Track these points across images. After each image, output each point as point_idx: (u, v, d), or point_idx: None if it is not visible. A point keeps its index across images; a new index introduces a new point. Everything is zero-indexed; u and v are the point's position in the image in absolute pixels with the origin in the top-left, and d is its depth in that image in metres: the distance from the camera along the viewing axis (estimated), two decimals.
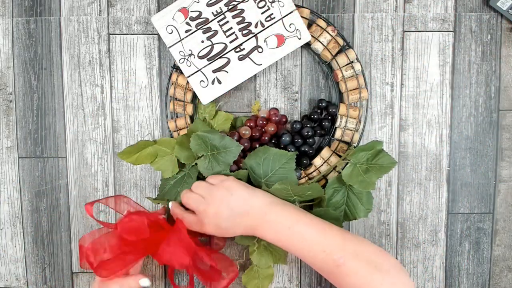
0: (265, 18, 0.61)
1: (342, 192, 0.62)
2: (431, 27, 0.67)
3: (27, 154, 0.69)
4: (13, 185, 0.69)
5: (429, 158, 0.68)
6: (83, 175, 0.69)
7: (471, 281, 0.69)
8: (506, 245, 0.69)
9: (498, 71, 0.67)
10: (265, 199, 0.55)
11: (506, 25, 0.67)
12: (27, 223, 0.69)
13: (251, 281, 0.65)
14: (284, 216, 0.54)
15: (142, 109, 0.68)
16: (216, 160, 0.60)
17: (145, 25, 0.67)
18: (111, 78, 0.68)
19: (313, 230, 0.52)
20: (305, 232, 0.52)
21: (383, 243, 0.69)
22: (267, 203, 0.55)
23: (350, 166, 0.61)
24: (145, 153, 0.65)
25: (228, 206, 0.54)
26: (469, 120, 0.68)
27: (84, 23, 0.67)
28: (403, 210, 0.69)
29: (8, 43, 0.68)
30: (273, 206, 0.54)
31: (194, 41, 0.62)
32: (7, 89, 0.68)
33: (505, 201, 0.69)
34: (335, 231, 0.53)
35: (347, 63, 0.63)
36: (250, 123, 0.65)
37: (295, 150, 0.64)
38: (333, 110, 0.65)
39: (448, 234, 0.69)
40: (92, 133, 0.68)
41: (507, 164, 0.68)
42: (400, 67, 0.67)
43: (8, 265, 0.70)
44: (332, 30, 0.63)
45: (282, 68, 0.67)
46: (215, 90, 0.63)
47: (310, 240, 0.52)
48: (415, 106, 0.67)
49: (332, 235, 0.52)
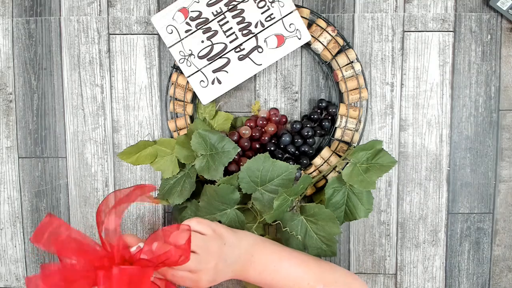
0: (265, 18, 0.61)
1: (342, 192, 0.62)
2: (431, 27, 0.67)
3: (27, 154, 0.69)
4: (13, 185, 0.69)
5: (429, 158, 0.68)
6: (83, 175, 0.69)
7: (471, 281, 0.69)
8: (506, 245, 0.69)
9: (498, 71, 0.67)
10: (249, 240, 0.55)
11: (506, 25, 0.67)
12: (27, 223, 0.69)
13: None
14: (268, 256, 0.54)
15: (142, 109, 0.68)
16: (213, 160, 0.60)
17: (145, 25, 0.67)
18: (111, 78, 0.68)
19: (295, 265, 0.54)
20: (289, 269, 0.54)
21: (383, 243, 0.69)
22: (252, 244, 0.54)
23: (350, 165, 0.60)
24: (145, 153, 0.65)
25: (224, 257, 0.52)
26: (469, 120, 0.68)
27: (84, 23, 0.67)
28: (403, 210, 0.69)
29: (8, 43, 0.68)
30: (257, 246, 0.55)
31: (194, 41, 0.62)
32: (7, 89, 0.68)
33: (505, 201, 0.69)
34: (312, 262, 0.56)
35: (347, 63, 0.63)
36: (250, 123, 0.65)
37: (295, 150, 0.64)
38: (333, 110, 0.65)
39: (448, 234, 0.69)
40: (92, 133, 0.68)
41: (507, 164, 0.68)
42: (400, 67, 0.67)
43: (8, 265, 0.70)
44: (332, 30, 0.63)
45: (282, 68, 0.67)
46: (215, 90, 0.63)
47: (295, 276, 0.54)
48: (415, 106, 0.67)
49: (311, 266, 0.55)
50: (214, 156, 0.60)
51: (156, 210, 0.69)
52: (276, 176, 0.59)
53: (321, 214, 0.59)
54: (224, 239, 0.52)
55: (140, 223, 0.69)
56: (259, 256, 0.54)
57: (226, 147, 0.60)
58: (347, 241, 0.69)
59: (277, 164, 0.59)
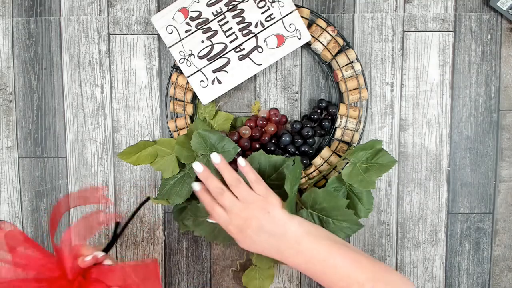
0: (265, 18, 0.61)
1: (342, 192, 0.62)
2: (431, 27, 0.67)
3: (27, 154, 0.69)
4: (13, 185, 0.69)
5: (429, 158, 0.68)
6: (83, 175, 0.69)
7: (471, 281, 0.69)
8: (506, 245, 0.69)
9: (498, 71, 0.67)
10: (302, 228, 0.53)
11: (506, 25, 0.67)
12: (27, 223, 0.69)
13: (251, 281, 0.65)
14: (319, 248, 0.52)
15: (142, 109, 0.68)
16: None
17: (145, 25, 0.67)
18: (111, 78, 0.68)
19: (347, 262, 0.52)
20: (339, 265, 0.51)
21: (383, 243, 0.69)
22: (303, 233, 0.53)
23: (350, 165, 0.60)
24: (145, 153, 0.65)
25: (260, 221, 0.53)
26: (469, 120, 0.68)
27: (84, 23, 0.67)
28: (403, 210, 0.69)
29: (8, 43, 0.68)
30: (309, 237, 0.53)
31: (194, 41, 0.62)
32: (7, 89, 0.68)
33: (505, 201, 0.69)
34: (365, 261, 0.52)
35: (347, 63, 0.63)
36: (250, 123, 0.65)
37: (295, 150, 0.64)
38: (333, 110, 0.65)
39: (448, 234, 0.69)
40: (92, 133, 0.68)
41: (507, 164, 0.68)
42: (400, 67, 0.67)
43: None
44: (332, 30, 0.63)
45: (282, 68, 0.67)
46: (215, 90, 0.63)
47: (344, 273, 0.51)
48: (415, 106, 0.67)
49: (364, 265, 0.52)
50: None
51: (156, 210, 0.69)
52: (274, 170, 0.59)
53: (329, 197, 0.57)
54: (271, 207, 0.53)
55: (140, 223, 0.69)
56: (309, 246, 0.52)
57: (226, 147, 0.60)
58: (347, 241, 0.69)
59: (272, 159, 0.59)
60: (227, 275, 0.70)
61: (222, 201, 0.54)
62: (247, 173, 0.55)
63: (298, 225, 0.53)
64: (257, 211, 0.53)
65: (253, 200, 0.53)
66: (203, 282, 0.70)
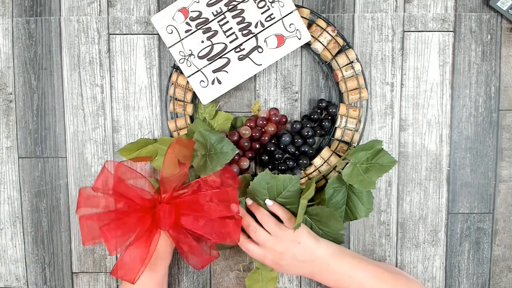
0: (265, 18, 0.61)
1: (342, 192, 0.62)
2: (431, 27, 0.67)
3: (27, 154, 0.69)
4: (13, 185, 0.69)
5: (429, 158, 0.68)
6: (83, 175, 0.69)
7: (471, 281, 0.69)
8: (506, 245, 0.69)
9: (498, 71, 0.67)
10: (329, 250, 0.59)
11: (506, 25, 0.67)
12: (27, 223, 0.69)
13: (254, 284, 0.65)
14: (345, 266, 0.59)
15: (142, 109, 0.68)
16: (211, 160, 0.60)
17: (145, 25, 0.67)
18: (111, 78, 0.68)
19: (370, 276, 0.59)
20: (364, 279, 0.59)
21: (383, 243, 0.69)
22: (330, 254, 0.59)
23: (350, 165, 0.60)
24: (145, 151, 0.65)
25: (293, 252, 0.58)
26: (469, 120, 0.68)
27: (84, 23, 0.67)
28: (403, 210, 0.69)
29: (8, 43, 0.68)
30: (336, 257, 0.59)
31: (194, 41, 0.62)
32: (7, 89, 0.68)
33: (505, 201, 0.69)
34: (386, 274, 0.59)
35: (347, 63, 0.63)
36: (250, 123, 0.65)
37: (295, 150, 0.64)
38: (333, 110, 0.65)
39: (448, 234, 0.69)
40: (92, 133, 0.68)
41: (507, 164, 0.68)
42: (400, 67, 0.67)
43: (8, 265, 0.70)
44: (332, 30, 0.63)
45: (282, 68, 0.67)
46: (215, 90, 0.63)
47: (369, 286, 0.58)
48: (415, 106, 0.67)
49: (386, 278, 0.59)
50: (212, 156, 0.60)
51: None
52: (283, 189, 0.60)
53: (323, 214, 0.60)
54: (300, 238, 0.58)
55: None
56: (336, 265, 0.59)
57: (225, 148, 0.60)
58: (347, 241, 0.69)
59: (279, 178, 0.60)
60: (227, 275, 0.70)
61: (256, 238, 0.59)
62: (276, 211, 0.60)
63: (325, 248, 0.59)
64: (288, 243, 0.58)
65: (283, 234, 0.58)
66: (203, 282, 0.70)
